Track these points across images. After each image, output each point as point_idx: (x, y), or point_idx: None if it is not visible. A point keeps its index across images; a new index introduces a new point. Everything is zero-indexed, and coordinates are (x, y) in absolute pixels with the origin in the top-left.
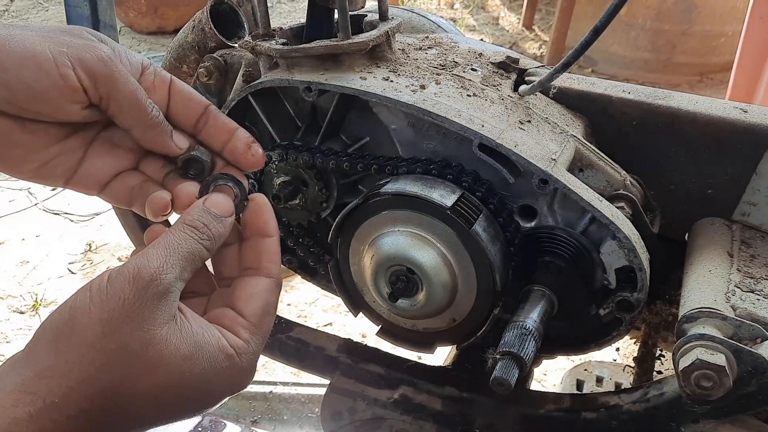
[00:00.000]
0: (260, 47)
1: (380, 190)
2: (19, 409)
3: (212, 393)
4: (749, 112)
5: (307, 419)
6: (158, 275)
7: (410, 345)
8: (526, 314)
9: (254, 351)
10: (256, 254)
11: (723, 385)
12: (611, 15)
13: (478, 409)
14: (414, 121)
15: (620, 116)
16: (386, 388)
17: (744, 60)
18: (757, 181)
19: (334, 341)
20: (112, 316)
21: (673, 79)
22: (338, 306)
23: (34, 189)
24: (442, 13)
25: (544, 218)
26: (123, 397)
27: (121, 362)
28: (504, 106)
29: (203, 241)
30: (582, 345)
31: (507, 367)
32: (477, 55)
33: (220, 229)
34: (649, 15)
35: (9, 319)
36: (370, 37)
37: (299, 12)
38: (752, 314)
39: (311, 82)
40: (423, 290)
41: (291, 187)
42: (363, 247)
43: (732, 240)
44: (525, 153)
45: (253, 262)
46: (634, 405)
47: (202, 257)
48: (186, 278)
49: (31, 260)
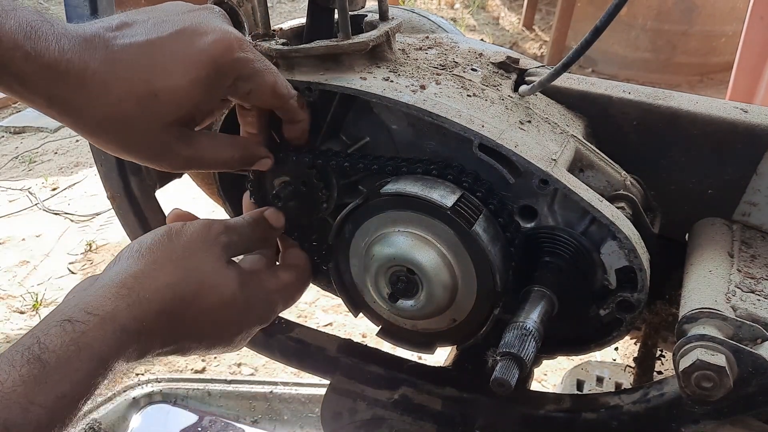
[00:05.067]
0: (260, 47)
1: (380, 191)
2: (120, 300)
3: (252, 311)
4: (749, 112)
5: (307, 419)
6: (223, 230)
7: (410, 345)
8: (526, 315)
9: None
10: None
11: (723, 385)
12: (611, 15)
13: (478, 409)
14: (414, 121)
15: (620, 116)
16: (386, 389)
17: (744, 60)
18: (757, 181)
19: (334, 341)
20: (191, 245)
21: (673, 79)
22: (338, 306)
23: (35, 189)
24: (443, 13)
25: (544, 218)
26: (193, 306)
27: (196, 278)
28: (504, 106)
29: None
30: (582, 345)
31: (507, 368)
32: (477, 55)
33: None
34: (650, 15)
35: (9, 319)
36: (370, 37)
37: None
38: (753, 315)
39: (311, 82)
40: (423, 291)
41: (291, 187)
42: (363, 247)
43: (732, 240)
44: (525, 153)
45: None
46: (634, 405)
47: (250, 247)
48: (240, 251)
49: (31, 260)
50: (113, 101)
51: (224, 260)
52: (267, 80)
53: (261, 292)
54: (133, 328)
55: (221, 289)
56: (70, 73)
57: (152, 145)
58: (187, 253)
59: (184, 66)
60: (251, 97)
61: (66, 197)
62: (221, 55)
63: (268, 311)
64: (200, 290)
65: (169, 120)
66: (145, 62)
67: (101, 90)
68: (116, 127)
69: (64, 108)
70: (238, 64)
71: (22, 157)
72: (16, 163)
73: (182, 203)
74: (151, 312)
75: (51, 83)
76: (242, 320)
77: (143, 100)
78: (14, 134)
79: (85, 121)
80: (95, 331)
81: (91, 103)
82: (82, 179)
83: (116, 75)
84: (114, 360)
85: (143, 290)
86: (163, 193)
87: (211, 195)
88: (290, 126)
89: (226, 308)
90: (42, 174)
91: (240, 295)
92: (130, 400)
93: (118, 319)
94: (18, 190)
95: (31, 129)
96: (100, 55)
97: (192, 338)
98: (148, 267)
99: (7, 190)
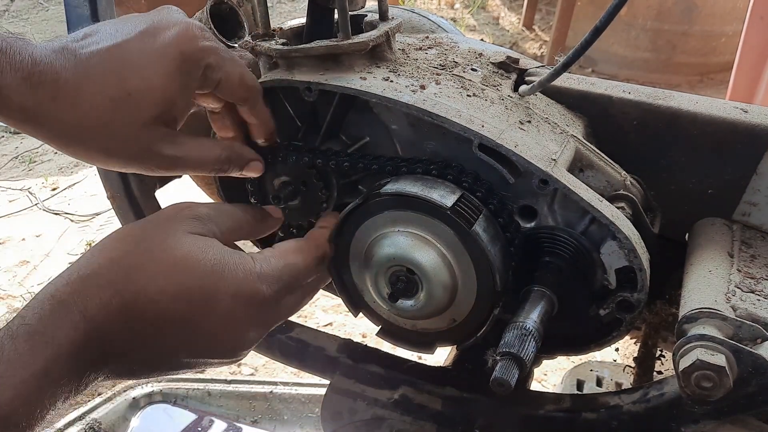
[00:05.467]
0: (260, 47)
1: (380, 191)
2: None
3: (235, 313)
4: (750, 112)
5: (307, 419)
6: (194, 205)
7: (410, 345)
8: (526, 314)
9: (277, 277)
10: None
11: (723, 385)
12: (611, 15)
13: (478, 409)
14: (414, 121)
15: (620, 116)
16: (386, 389)
17: (744, 60)
18: (757, 181)
19: (334, 341)
20: (147, 226)
21: (673, 79)
22: (338, 306)
23: (35, 189)
24: (443, 13)
25: (544, 218)
26: (148, 295)
27: (145, 264)
28: (504, 106)
29: (248, 216)
30: (582, 345)
31: (507, 368)
32: (477, 55)
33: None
34: (650, 15)
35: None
36: (370, 37)
37: (299, 12)
38: (752, 315)
39: (311, 82)
40: (423, 291)
41: (291, 188)
42: (363, 247)
43: (732, 240)
44: (525, 153)
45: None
46: (634, 405)
47: (244, 228)
48: (224, 228)
49: (31, 260)
50: (87, 106)
51: (187, 233)
52: (235, 69)
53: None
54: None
55: (180, 272)
56: (43, 84)
57: (132, 147)
58: (140, 237)
59: (153, 61)
60: (221, 88)
61: (66, 197)
62: (187, 45)
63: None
64: (152, 276)
65: (146, 119)
66: (114, 64)
67: (75, 96)
68: (94, 132)
69: (40, 120)
70: (204, 52)
71: (22, 157)
72: (16, 163)
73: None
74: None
75: (25, 96)
76: (224, 303)
77: (117, 101)
78: (14, 134)
79: (62, 130)
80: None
81: (66, 111)
82: (82, 179)
83: (88, 80)
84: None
85: (92, 296)
86: (163, 193)
87: (211, 195)
88: (257, 127)
89: (196, 292)
90: (42, 174)
91: (218, 277)
92: (130, 400)
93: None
94: (18, 190)
95: None
96: (71, 64)
97: (166, 334)
98: (104, 263)
99: (7, 190)
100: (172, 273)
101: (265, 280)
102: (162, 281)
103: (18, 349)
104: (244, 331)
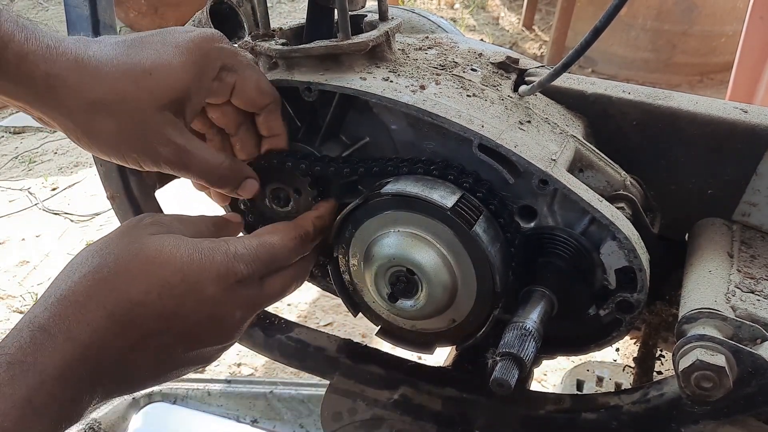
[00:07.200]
0: (260, 47)
1: (380, 191)
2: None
3: (218, 302)
4: (749, 112)
5: (307, 419)
6: (155, 215)
7: (410, 345)
8: (526, 315)
9: (254, 257)
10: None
11: (723, 385)
12: (611, 15)
13: (478, 409)
14: (414, 121)
15: (620, 116)
16: (386, 389)
17: (744, 60)
18: (757, 182)
19: (334, 341)
20: (110, 238)
21: (673, 79)
22: (338, 306)
23: (34, 189)
24: (443, 13)
25: (544, 219)
26: (132, 299)
27: (120, 271)
28: (504, 106)
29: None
30: (582, 345)
31: (507, 368)
32: (477, 55)
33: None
34: (650, 15)
35: (9, 319)
36: (370, 38)
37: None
38: (752, 315)
39: (311, 82)
40: (423, 291)
41: (285, 193)
42: (363, 247)
43: (732, 240)
44: (525, 153)
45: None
46: (634, 405)
47: (204, 235)
48: (188, 235)
49: (31, 260)
50: (110, 81)
51: (153, 233)
52: (252, 74)
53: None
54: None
55: (155, 271)
56: (67, 54)
57: (145, 128)
58: (104, 247)
59: (172, 51)
60: (236, 92)
61: (66, 197)
62: (205, 43)
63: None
64: (128, 281)
65: (163, 101)
66: (135, 49)
67: (97, 71)
68: (111, 109)
69: (62, 92)
70: (222, 52)
71: (21, 157)
72: (15, 163)
73: (182, 203)
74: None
75: (50, 63)
76: (203, 294)
77: (138, 79)
78: (14, 134)
79: (80, 106)
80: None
81: (87, 83)
82: (81, 179)
83: (111, 59)
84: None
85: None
86: (163, 193)
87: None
88: (270, 139)
89: (176, 286)
90: (42, 174)
91: (194, 264)
92: (129, 399)
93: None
94: (18, 190)
95: (31, 129)
96: (95, 47)
97: (155, 335)
98: (83, 279)
99: (7, 190)
100: (150, 271)
101: (241, 260)
102: (143, 282)
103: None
104: (231, 311)
